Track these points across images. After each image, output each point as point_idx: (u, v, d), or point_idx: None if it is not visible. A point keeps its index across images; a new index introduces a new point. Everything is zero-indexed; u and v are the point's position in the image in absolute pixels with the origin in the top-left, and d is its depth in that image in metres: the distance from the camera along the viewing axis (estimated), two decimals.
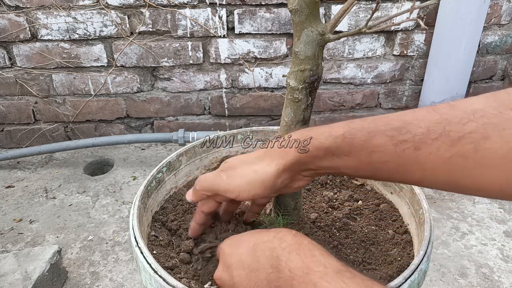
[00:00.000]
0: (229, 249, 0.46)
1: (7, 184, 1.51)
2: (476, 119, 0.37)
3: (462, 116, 0.37)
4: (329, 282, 0.36)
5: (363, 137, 0.42)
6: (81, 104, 1.66)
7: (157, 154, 1.70)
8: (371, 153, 0.42)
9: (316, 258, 0.39)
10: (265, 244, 0.43)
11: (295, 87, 0.53)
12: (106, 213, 1.35)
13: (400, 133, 0.40)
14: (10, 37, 1.50)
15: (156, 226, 0.64)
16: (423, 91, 1.60)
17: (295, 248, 0.40)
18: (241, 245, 0.45)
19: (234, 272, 0.44)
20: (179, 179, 0.74)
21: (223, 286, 0.46)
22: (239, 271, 0.43)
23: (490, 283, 1.08)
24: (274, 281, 0.40)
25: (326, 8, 1.51)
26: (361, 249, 0.60)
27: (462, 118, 0.37)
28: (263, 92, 1.67)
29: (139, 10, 1.49)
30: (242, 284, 0.43)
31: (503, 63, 1.66)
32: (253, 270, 0.42)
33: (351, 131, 0.43)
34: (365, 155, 0.42)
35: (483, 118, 0.36)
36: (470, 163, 0.37)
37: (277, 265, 0.40)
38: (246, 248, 0.44)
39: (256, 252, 0.43)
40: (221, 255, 0.48)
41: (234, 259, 0.45)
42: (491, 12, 1.55)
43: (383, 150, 0.41)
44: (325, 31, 0.50)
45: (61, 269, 1.07)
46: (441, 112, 0.39)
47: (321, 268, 0.38)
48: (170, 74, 1.62)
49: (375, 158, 0.42)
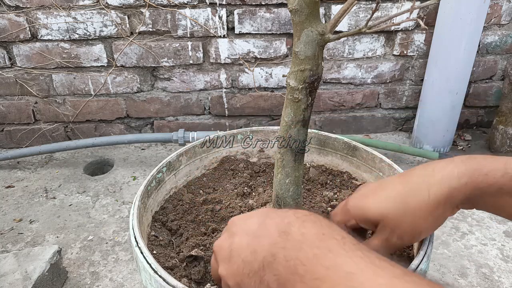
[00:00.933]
0: (238, 220, 0.42)
1: (7, 184, 1.51)
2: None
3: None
4: (346, 251, 0.33)
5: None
6: (81, 104, 1.66)
7: (157, 154, 1.70)
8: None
9: (333, 229, 0.35)
10: (277, 213, 0.39)
11: (295, 87, 0.53)
12: (106, 213, 1.35)
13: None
14: (10, 37, 1.50)
15: (156, 226, 0.64)
16: (423, 91, 1.60)
17: (311, 219, 0.37)
18: (252, 216, 0.41)
19: (236, 238, 0.40)
20: (179, 179, 0.74)
21: (219, 255, 0.41)
22: (241, 237, 0.39)
23: (490, 283, 1.08)
24: (279, 243, 0.35)
25: (326, 8, 1.51)
26: None
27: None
28: (263, 92, 1.67)
29: (139, 10, 1.49)
30: (239, 250, 0.38)
31: (503, 63, 1.66)
32: (257, 236, 0.37)
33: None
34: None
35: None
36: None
37: (287, 230, 0.36)
38: (256, 218, 0.40)
39: (265, 220, 0.38)
40: (228, 224, 0.44)
41: (240, 227, 0.41)
42: (491, 12, 1.55)
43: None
44: (325, 31, 0.50)
45: (61, 269, 1.07)
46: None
47: (339, 238, 0.34)
48: (170, 74, 1.62)
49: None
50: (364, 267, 0.31)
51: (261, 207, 0.65)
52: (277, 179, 0.59)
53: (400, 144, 1.65)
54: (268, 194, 0.70)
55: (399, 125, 1.81)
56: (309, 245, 0.33)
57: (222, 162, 0.80)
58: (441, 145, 1.63)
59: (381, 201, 0.46)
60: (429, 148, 1.63)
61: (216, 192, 0.73)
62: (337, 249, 0.33)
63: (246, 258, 0.37)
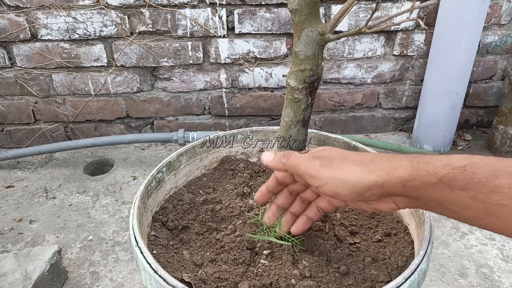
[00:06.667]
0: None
1: (7, 184, 1.51)
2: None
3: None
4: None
5: (486, 174, 0.39)
6: (81, 104, 1.66)
7: (157, 154, 1.70)
8: (490, 192, 0.38)
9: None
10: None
11: (295, 87, 0.53)
12: (106, 213, 1.35)
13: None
14: (10, 37, 1.50)
15: (156, 226, 0.64)
16: (423, 91, 1.60)
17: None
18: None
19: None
20: (179, 179, 0.74)
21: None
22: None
23: (490, 283, 1.08)
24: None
25: (326, 8, 1.51)
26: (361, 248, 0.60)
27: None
28: (263, 92, 1.67)
29: (139, 10, 1.49)
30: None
31: (503, 63, 1.66)
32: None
33: (473, 165, 0.40)
34: (484, 194, 0.39)
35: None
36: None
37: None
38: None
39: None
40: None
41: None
42: (491, 12, 1.55)
43: (506, 192, 0.38)
44: (325, 31, 0.50)
45: (61, 269, 1.07)
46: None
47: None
48: (170, 74, 1.62)
49: (493, 199, 0.38)
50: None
51: (261, 207, 0.65)
52: None
53: (400, 144, 1.65)
54: None
55: (399, 125, 1.81)
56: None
57: (222, 162, 0.80)
58: (441, 145, 1.63)
59: (337, 184, 0.47)
60: (429, 148, 1.63)
61: (216, 192, 0.73)
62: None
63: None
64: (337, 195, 0.46)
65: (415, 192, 0.43)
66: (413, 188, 0.42)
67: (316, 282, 0.53)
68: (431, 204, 0.43)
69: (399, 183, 0.43)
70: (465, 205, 0.40)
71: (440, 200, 0.41)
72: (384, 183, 0.43)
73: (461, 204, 0.40)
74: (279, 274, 0.54)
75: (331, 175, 0.46)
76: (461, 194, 0.40)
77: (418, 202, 0.44)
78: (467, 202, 0.40)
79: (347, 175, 0.45)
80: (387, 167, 0.44)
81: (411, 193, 0.43)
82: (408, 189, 0.43)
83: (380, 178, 0.43)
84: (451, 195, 0.40)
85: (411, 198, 0.44)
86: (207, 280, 0.53)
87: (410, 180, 0.42)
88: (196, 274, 0.54)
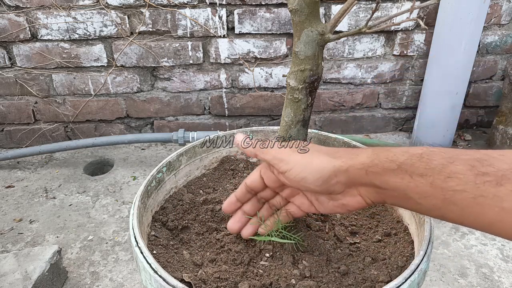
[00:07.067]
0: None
1: (7, 184, 1.51)
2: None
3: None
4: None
5: (442, 160, 0.40)
6: (81, 104, 1.66)
7: (157, 154, 1.70)
8: (447, 178, 0.39)
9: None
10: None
11: (295, 87, 0.53)
12: (106, 213, 1.35)
13: (482, 165, 0.38)
14: (10, 37, 1.50)
15: (156, 226, 0.64)
16: (423, 91, 1.60)
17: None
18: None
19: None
20: (179, 179, 0.74)
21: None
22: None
23: (490, 283, 1.08)
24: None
25: (326, 8, 1.51)
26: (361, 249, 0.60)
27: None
28: (263, 92, 1.67)
29: (139, 10, 1.49)
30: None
31: (503, 63, 1.66)
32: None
33: (429, 153, 0.41)
34: (441, 180, 0.39)
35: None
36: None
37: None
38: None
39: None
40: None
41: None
42: (491, 12, 1.55)
43: (461, 178, 0.38)
44: (325, 31, 0.50)
45: (61, 269, 1.07)
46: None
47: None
48: (170, 74, 1.62)
49: (450, 184, 0.39)
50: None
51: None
52: None
53: (400, 144, 1.65)
54: None
55: (399, 125, 1.81)
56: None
57: (222, 162, 0.80)
58: (441, 145, 1.63)
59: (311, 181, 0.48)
60: None
61: (216, 192, 0.73)
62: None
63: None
64: (303, 181, 0.47)
65: (377, 179, 0.44)
66: (375, 175, 0.44)
67: (316, 282, 0.53)
68: (395, 194, 0.44)
69: (362, 169, 0.44)
70: (424, 192, 0.41)
71: (401, 189, 0.42)
72: (348, 169, 0.45)
73: (420, 192, 0.41)
74: (279, 274, 0.54)
75: (299, 159, 0.48)
76: (420, 181, 0.41)
77: (382, 194, 0.45)
78: (425, 189, 0.41)
79: (314, 160, 0.47)
80: (351, 155, 0.46)
81: (374, 181, 0.44)
82: (371, 176, 0.44)
83: (344, 163, 0.45)
84: (411, 183, 0.41)
85: (375, 189, 0.45)
86: (207, 280, 0.53)
87: (371, 166, 0.44)
88: (196, 274, 0.54)
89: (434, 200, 0.40)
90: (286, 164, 0.48)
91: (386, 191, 0.44)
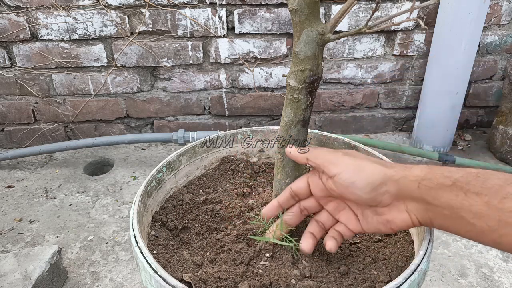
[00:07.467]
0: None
1: (7, 184, 1.51)
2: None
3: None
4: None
5: (499, 181, 0.39)
6: (81, 104, 1.66)
7: (157, 154, 1.70)
8: (504, 199, 0.38)
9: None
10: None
11: (295, 87, 0.53)
12: (106, 213, 1.35)
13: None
14: (10, 37, 1.50)
15: (156, 226, 0.64)
16: (423, 91, 1.60)
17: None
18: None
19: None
20: (179, 179, 0.74)
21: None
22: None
23: (490, 283, 1.08)
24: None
25: (326, 8, 1.51)
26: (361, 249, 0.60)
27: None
28: (263, 92, 1.67)
29: (139, 10, 1.49)
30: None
31: (503, 63, 1.66)
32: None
33: (485, 173, 0.40)
34: (497, 200, 0.38)
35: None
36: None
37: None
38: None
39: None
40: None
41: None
42: (491, 12, 1.55)
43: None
44: (325, 31, 0.50)
45: (61, 269, 1.07)
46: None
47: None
48: (170, 74, 1.62)
49: (508, 206, 0.37)
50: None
51: (261, 207, 0.65)
52: (277, 179, 0.59)
53: (400, 144, 1.65)
54: (268, 194, 0.70)
55: (399, 125, 1.81)
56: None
57: (222, 162, 0.80)
58: (441, 145, 1.63)
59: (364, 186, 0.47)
60: (429, 148, 1.63)
61: (216, 192, 0.73)
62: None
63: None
64: (352, 186, 0.46)
65: (429, 194, 0.42)
66: (427, 189, 0.42)
67: (316, 282, 0.53)
68: (445, 213, 0.42)
69: (414, 181, 0.43)
70: (479, 212, 0.39)
71: (454, 207, 0.41)
72: (399, 180, 0.44)
73: (474, 211, 0.39)
74: (279, 274, 0.54)
75: (351, 162, 0.47)
76: (475, 199, 0.39)
77: (432, 212, 0.43)
78: (480, 208, 0.39)
79: (365, 165, 0.46)
80: (404, 166, 0.45)
81: (426, 196, 0.42)
82: (423, 190, 0.42)
83: (396, 173, 0.44)
84: (466, 201, 0.40)
85: (425, 205, 0.43)
86: (207, 280, 0.53)
87: (425, 179, 0.42)
88: (196, 274, 0.54)
89: (489, 221, 0.39)
90: (335, 167, 0.47)
91: (437, 208, 0.42)
